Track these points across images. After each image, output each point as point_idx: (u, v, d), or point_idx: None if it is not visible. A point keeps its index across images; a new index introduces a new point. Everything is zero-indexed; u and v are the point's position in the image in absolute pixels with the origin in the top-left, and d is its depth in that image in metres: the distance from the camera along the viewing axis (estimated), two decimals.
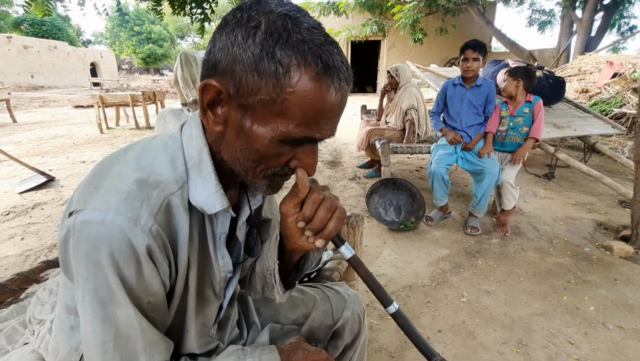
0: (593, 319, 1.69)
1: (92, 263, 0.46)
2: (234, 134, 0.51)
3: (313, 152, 0.54)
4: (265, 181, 0.56)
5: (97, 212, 0.46)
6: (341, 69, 0.48)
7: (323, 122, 0.50)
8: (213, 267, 0.63)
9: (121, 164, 0.52)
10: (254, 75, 0.45)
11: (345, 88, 0.50)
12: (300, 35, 0.45)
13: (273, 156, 0.51)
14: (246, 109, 0.48)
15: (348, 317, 0.88)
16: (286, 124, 0.48)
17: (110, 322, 0.49)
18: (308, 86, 0.46)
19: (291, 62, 0.45)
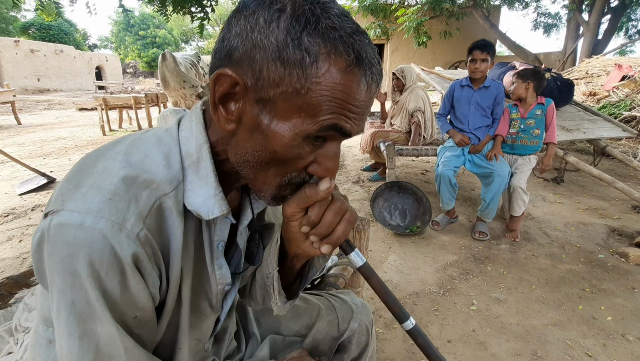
0: (611, 330, 1.61)
1: (68, 273, 0.40)
2: (247, 133, 0.44)
3: (335, 155, 0.48)
4: (276, 189, 0.48)
5: (75, 214, 0.40)
6: (373, 63, 0.42)
7: (352, 115, 0.43)
8: (209, 278, 0.57)
9: (107, 160, 0.46)
10: (276, 64, 0.39)
11: (374, 83, 0.44)
12: (331, 22, 0.39)
13: (291, 159, 0.45)
14: (265, 104, 0.42)
15: (355, 328, 0.82)
16: (311, 118, 0.41)
17: (89, 341, 0.42)
18: (337, 78, 0.40)
19: (320, 51, 0.39)
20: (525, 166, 2.39)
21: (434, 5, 8.83)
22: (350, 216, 0.50)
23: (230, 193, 0.57)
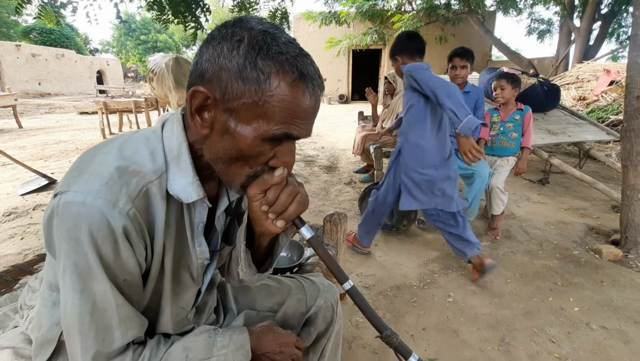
0: (577, 319, 1.71)
1: (73, 240, 0.51)
2: (219, 136, 0.55)
3: (291, 151, 0.59)
4: (241, 179, 0.59)
5: (79, 194, 0.51)
6: (314, 77, 0.54)
7: (299, 122, 0.54)
8: (190, 254, 0.68)
9: (104, 154, 0.57)
10: (238, 81, 0.51)
11: (318, 93, 0.55)
12: (278, 48, 0.51)
13: (255, 155, 0.56)
14: (231, 112, 0.53)
15: (321, 305, 0.93)
16: (267, 124, 0.52)
17: (88, 295, 0.53)
18: (285, 90, 0.51)
19: (271, 70, 0.50)
20: (503, 167, 2.51)
21: (429, 12, 8.99)
22: (301, 198, 0.61)
23: (209, 183, 0.68)
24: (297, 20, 13.14)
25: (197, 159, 0.62)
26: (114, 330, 0.56)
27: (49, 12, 4.46)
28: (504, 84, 2.49)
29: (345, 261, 2.22)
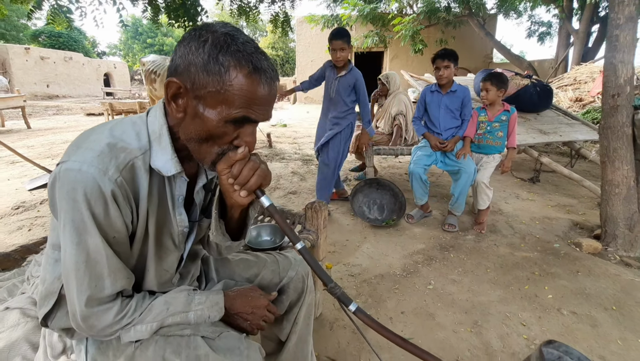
0: (549, 305, 1.81)
1: (71, 200, 0.63)
2: (191, 119, 0.67)
3: (252, 132, 0.71)
4: (211, 157, 0.70)
5: (76, 163, 0.63)
6: (267, 70, 0.65)
7: (256, 107, 0.66)
8: (172, 222, 0.79)
9: (98, 133, 0.69)
10: (204, 73, 0.62)
11: (272, 84, 0.67)
12: (236, 47, 0.63)
13: (220, 135, 0.67)
14: (199, 99, 0.65)
15: (292, 276, 1.04)
16: (228, 108, 0.64)
17: (83, 247, 0.65)
18: (242, 80, 0.63)
19: (230, 64, 0.62)
20: (489, 163, 2.60)
21: (430, 15, 9.10)
22: (260, 172, 0.72)
23: (189, 163, 0.80)
24: (299, 23, 13.30)
25: (176, 141, 0.73)
26: (104, 279, 0.67)
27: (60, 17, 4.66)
28: (489, 86, 2.58)
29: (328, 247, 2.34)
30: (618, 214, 2.33)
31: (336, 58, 2.66)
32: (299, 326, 1.08)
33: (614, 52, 2.22)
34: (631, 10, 2.18)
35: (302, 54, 13.87)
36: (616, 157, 2.28)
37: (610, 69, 2.23)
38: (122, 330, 0.72)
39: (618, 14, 2.20)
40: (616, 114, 2.24)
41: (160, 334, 0.76)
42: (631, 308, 1.80)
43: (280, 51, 27.81)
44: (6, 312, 0.95)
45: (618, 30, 2.20)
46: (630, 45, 2.19)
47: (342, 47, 2.61)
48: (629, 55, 2.20)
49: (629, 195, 2.30)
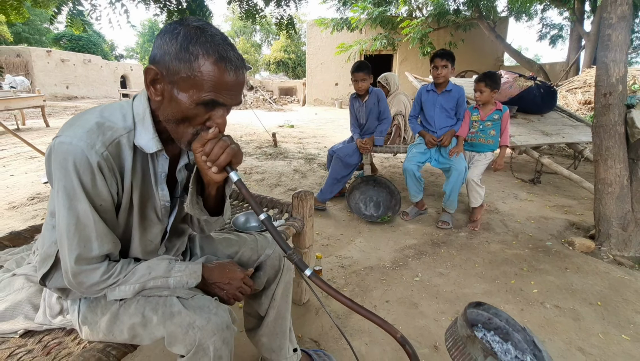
0: (533, 299, 1.84)
1: (63, 169, 0.73)
2: (167, 102, 0.76)
3: (222, 115, 0.79)
4: (187, 137, 0.79)
5: (68, 137, 0.73)
6: (233, 59, 0.74)
7: (223, 91, 0.75)
8: (155, 196, 0.89)
9: (89, 114, 0.79)
10: (176, 61, 0.72)
11: (239, 72, 0.75)
12: (205, 38, 0.72)
13: (193, 117, 0.76)
14: (174, 84, 0.74)
15: (269, 254, 1.12)
16: (198, 92, 0.73)
17: (73, 211, 0.75)
18: (209, 68, 0.72)
19: (198, 53, 0.71)
20: (479, 161, 2.64)
21: (439, 18, 9.11)
22: (230, 150, 0.80)
23: (172, 144, 0.89)
24: (310, 26, 13.47)
25: (158, 124, 0.83)
26: (92, 241, 0.77)
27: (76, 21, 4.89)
28: (482, 87, 2.62)
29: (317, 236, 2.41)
30: (611, 213, 2.34)
31: (359, 87, 3.01)
32: (276, 302, 1.17)
33: (606, 52, 2.24)
34: (624, 10, 2.20)
35: (312, 57, 14.01)
36: (609, 156, 2.30)
37: (602, 68, 2.26)
38: (108, 288, 0.81)
39: (610, 14, 2.23)
40: (608, 113, 2.26)
41: (142, 295, 0.85)
42: (617, 304, 1.82)
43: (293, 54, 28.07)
44: (13, 278, 1.06)
45: (610, 29, 2.23)
46: (622, 44, 2.21)
47: (363, 78, 2.97)
48: (620, 54, 2.22)
49: (622, 194, 2.31)
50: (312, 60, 14.05)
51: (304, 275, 0.78)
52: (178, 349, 0.80)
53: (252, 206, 0.80)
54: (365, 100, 3.07)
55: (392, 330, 0.73)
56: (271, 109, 13.71)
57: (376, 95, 3.06)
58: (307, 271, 0.77)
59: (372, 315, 0.76)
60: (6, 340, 0.91)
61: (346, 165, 2.99)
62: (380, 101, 3.05)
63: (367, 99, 3.06)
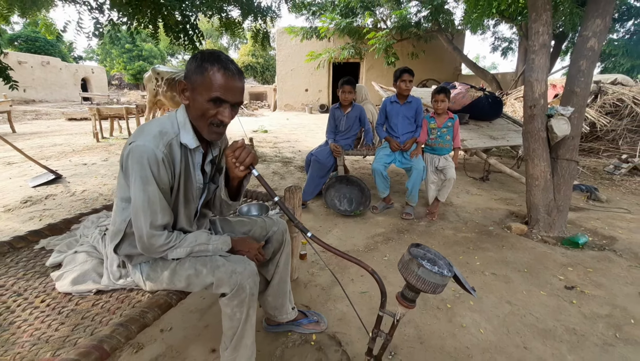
0: (476, 269, 2.32)
1: (139, 163, 1.05)
2: (192, 103, 1.12)
3: (225, 109, 1.12)
4: (208, 128, 1.14)
5: (141, 141, 1.06)
6: (231, 69, 1.09)
7: (225, 91, 1.09)
8: (192, 181, 1.23)
9: (151, 125, 1.12)
10: (195, 74, 1.08)
11: (236, 77, 1.10)
12: (213, 57, 1.08)
13: (206, 111, 1.11)
14: (194, 90, 1.09)
15: (275, 230, 1.49)
16: (208, 92, 1.08)
17: (146, 192, 1.07)
18: (215, 74, 1.07)
19: (208, 66, 1.07)
20: (449, 163, 3.11)
21: (402, 30, 9.81)
22: (252, 155, 1.17)
23: (202, 144, 1.24)
24: (280, 34, 13.81)
25: (194, 128, 1.17)
26: (158, 213, 1.10)
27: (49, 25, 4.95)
28: (443, 98, 3.11)
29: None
30: (539, 202, 2.90)
31: (344, 98, 3.45)
32: (280, 269, 1.53)
33: (530, 72, 2.80)
34: (544, 39, 2.76)
35: (282, 63, 14.36)
36: (535, 156, 2.86)
37: (528, 85, 2.82)
38: (169, 250, 1.15)
39: (534, 42, 2.79)
40: (533, 122, 2.82)
41: (192, 255, 1.19)
42: (539, 270, 2.34)
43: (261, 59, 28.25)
44: (75, 255, 1.36)
45: (534, 55, 2.79)
46: (543, 66, 2.78)
47: (350, 91, 3.43)
48: (542, 74, 2.78)
49: (547, 186, 2.87)
50: (283, 66, 14.40)
51: (307, 236, 1.16)
52: (224, 289, 1.15)
53: (268, 190, 1.17)
54: (348, 112, 3.50)
55: (365, 265, 1.13)
56: (243, 114, 13.88)
57: (359, 110, 3.52)
58: (309, 234, 1.15)
59: (353, 258, 1.15)
60: (85, 297, 1.22)
61: (323, 166, 3.38)
62: (361, 116, 3.54)
63: (350, 111, 3.50)
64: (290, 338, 1.62)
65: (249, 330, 1.22)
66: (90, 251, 1.36)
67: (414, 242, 1.22)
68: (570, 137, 2.76)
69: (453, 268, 1.05)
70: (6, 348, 0.98)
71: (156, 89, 5.67)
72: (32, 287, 1.27)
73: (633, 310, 1.90)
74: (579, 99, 2.73)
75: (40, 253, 1.52)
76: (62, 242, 1.53)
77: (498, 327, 1.75)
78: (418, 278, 0.99)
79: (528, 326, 1.76)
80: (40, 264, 1.42)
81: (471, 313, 1.85)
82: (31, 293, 1.24)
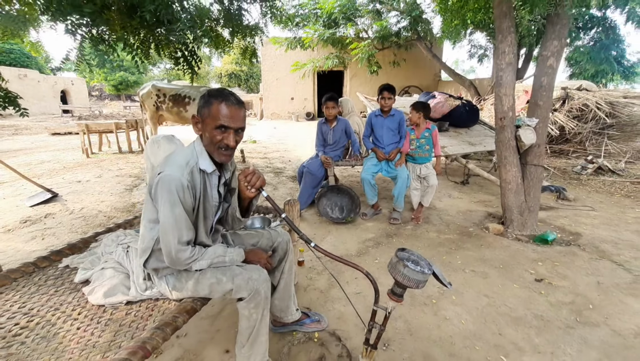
0: (457, 267, 2.57)
1: (168, 190, 1.24)
2: (204, 133, 1.32)
3: (229, 135, 1.32)
4: (217, 152, 1.34)
5: (170, 172, 1.25)
6: (232, 101, 1.29)
7: (228, 119, 1.29)
8: (209, 200, 1.42)
9: (176, 156, 1.32)
10: (204, 108, 1.29)
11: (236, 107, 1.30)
12: (217, 93, 1.29)
13: (214, 137, 1.31)
14: (204, 121, 1.30)
15: (280, 241, 1.69)
16: (214, 121, 1.28)
17: (173, 214, 1.26)
18: (218, 106, 1.28)
19: (213, 100, 1.28)
20: (430, 171, 3.37)
21: (382, 40, 10.19)
22: (261, 179, 1.38)
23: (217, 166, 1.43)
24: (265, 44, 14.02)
25: (209, 154, 1.37)
26: (183, 231, 1.29)
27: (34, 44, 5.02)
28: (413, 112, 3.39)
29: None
30: (512, 204, 3.19)
31: (329, 113, 3.69)
32: (285, 275, 1.73)
33: (499, 88, 3.10)
34: (510, 58, 3.07)
35: (267, 73, 14.57)
36: (507, 163, 3.15)
37: (498, 99, 3.11)
38: (193, 262, 1.33)
39: (501, 61, 3.09)
40: (504, 132, 3.11)
41: (212, 267, 1.38)
42: (513, 266, 2.60)
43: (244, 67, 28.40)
44: (103, 271, 1.53)
45: (501, 72, 3.09)
46: (510, 82, 3.08)
47: (333, 106, 3.65)
48: (509, 89, 3.08)
49: (518, 189, 3.17)
50: (268, 76, 14.61)
51: (310, 246, 1.37)
52: (242, 294, 1.34)
53: (276, 208, 1.38)
54: (334, 126, 3.75)
55: (360, 268, 1.34)
56: None
57: (344, 123, 3.77)
58: (312, 244, 1.36)
59: (350, 262, 1.36)
60: (117, 307, 1.39)
61: (315, 177, 3.60)
62: (347, 129, 3.79)
63: (335, 125, 3.75)
64: (295, 336, 1.82)
65: (263, 328, 1.41)
66: (116, 267, 1.53)
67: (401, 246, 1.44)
68: (537, 144, 3.06)
69: (432, 266, 1.27)
70: (57, 355, 1.15)
71: (157, 105, 5.83)
72: (66, 302, 1.44)
73: (592, 297, 2.18)
74: (542, 110, 3.04)
75: (66, 271, 1.67)
76: (85, 260, 1.69)
77: (477, 317, 1.99)
78: (404, 277, 1.21)
79: (502, 315, 2.01)
80: (69, 281, 1.58)
81: (453, 307, 2.09)
82: (67, 307, 1.40)
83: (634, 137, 5.78)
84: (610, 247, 2.86)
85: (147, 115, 6.18)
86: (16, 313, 1.36)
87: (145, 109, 6.10)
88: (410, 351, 1.74)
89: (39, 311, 1.37)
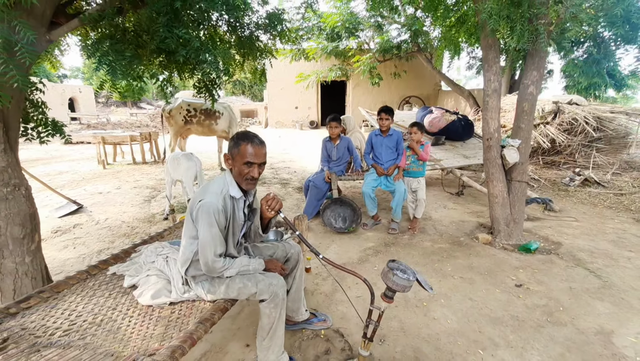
0: (447, 274, 2.88)
1: (207, 213, 1.57)
2: (233, 167, 1.66)
3: (254, 168, 1.66)
4: (245, 182, 1.67)
5: (208, 199, 1.58)
6: (256, 141, 1.64)
7: (252, 157, 1.63)
8: (237, 220, 1.75)
9: (213, 185, 1.66)
10: (233, 148, 1.64)
11: (259, 146, 1.65)
12: (243, 135, 1.64)
13: (242, 170, 1.65)
14: (233, 158, 1.65)
15: (292, 252, 2.02)
16: (242, 158, 1.62)
17: (211, 232, 1.59)
18: (245, 147, 1.62)
19: (241, 142, 1.62)
20: (420, 186, 3.70)
21: (384, 53, 10.57)
22: (279, 203, 1.71)
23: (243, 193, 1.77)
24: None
25: (237, 183, 1.70)
26: (217, 246, 1.62)
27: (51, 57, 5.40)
28: (416, 130, 3.72)
29: None
30: (499, 216, 3.50)
31: (332, 132, 4.08)
32: (296, 280, 2.06)
33: (486, 112, 3.43)
34: (495, 85, 3.40)
35: (272, 83, 14.99)
36: (494, 178, 3.47)
37: (485, 122, 3.44)
38: (224, 270, 1.66)
39: (487, 87, 3.42)
40: (491, 151, 3.44)
41: (239, 274, 1.71)
42: (497, 273, 2.91)
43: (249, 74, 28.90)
44: (148, 277, 1.86)
45: (488, 97, 3.42)
46: (495, 108, 3.41)
47: (336, 126, 4.03)
48: (495, 113, 3.41)
49: (504, 203, 3.48)
50: (273, 86, 15.02)
51: (319, 258, 1.70)
52: (264, 296, 1.67)
53: (291, 227, 1.71)
54: (337, 143, 4.12)
55: (359, 275, 1.67)
56: None
57: (347, 141, 4.13)
58: (320, 256, 1.69)
59: (351, 271, 1.69)
60: (162, 307, 1.72)
61: (320, 191, 3.93)
62: (349, 146, 4.16)
63: (339, 143, 4.11)
64: (304, 333, 2.14)
65: (280, 324, 1.73)
66: (159, 274, 1.86)
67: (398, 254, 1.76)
68: (520, 163, 3.39)
69: (416, 274, 1.60)
70: (124, 344, 1.48)
71: (185, 119, 6.27)
72: (121, 303, 1.77)
73: (563, 300, 2.48)
74: (524, 132, 3.37)
75: (114, 278, 2.01)
76: (129, 268, 2.02)
77: (461, 318, 2.30)
78: (393, 283, 1.54)
79: (483, 316, 2.32)
80: (119, 286, 1.91)
81: (441, 308, 2.40)
82: (122, 307, 1.73)
83: (621, 149, 6.09)
84: (586, 255, 3.16)
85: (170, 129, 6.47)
86: (82, 312, 1.69)
87: (171, 123, 6.39)
88: (403, 346, 2.05)
89: (101, 310, 1.70)
